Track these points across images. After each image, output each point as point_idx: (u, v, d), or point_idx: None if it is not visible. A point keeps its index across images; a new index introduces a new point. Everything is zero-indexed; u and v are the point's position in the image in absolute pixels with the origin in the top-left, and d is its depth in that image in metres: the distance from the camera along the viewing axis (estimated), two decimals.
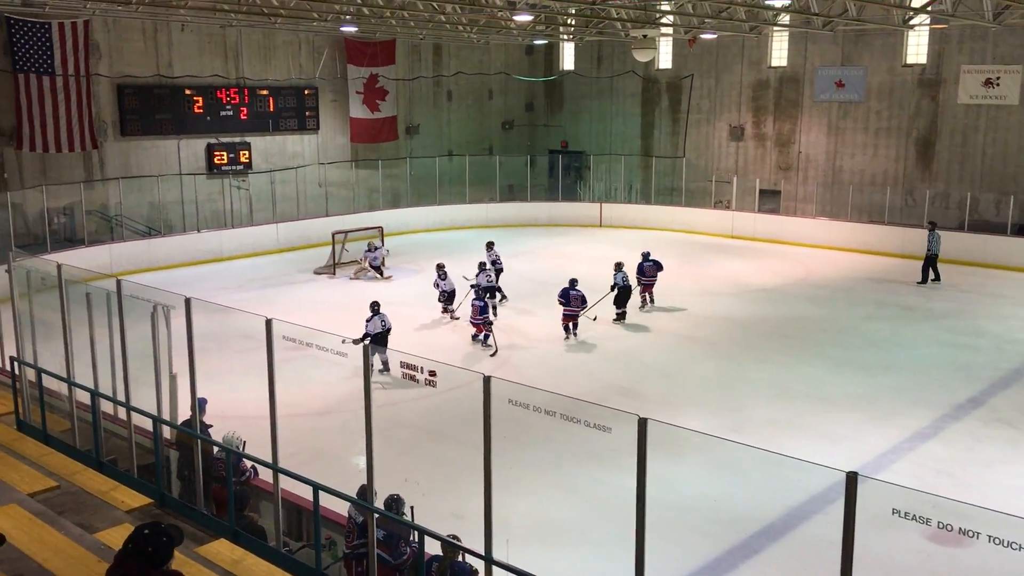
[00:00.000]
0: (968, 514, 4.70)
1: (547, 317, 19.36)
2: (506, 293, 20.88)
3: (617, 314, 18.91)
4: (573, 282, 17.95)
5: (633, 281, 19.48)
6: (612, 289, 18.99)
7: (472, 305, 17.41)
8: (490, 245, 21.80)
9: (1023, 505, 9.99)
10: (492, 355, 16.69)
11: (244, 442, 8.90)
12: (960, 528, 4.55)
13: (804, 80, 29.55)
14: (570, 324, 17.77)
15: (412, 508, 8.11)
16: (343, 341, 7.97)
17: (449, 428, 12.82)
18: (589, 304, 17.99)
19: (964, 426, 13.19)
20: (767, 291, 21.74)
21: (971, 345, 17.31)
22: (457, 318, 18.92)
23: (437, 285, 19.45)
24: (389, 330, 15.58)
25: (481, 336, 17.36)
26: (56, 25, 23.53)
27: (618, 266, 19.19)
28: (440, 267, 19.63)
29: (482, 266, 19.85)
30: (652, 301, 20.08)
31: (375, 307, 15.73)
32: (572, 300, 17.66)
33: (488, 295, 18.52)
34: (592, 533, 9.81)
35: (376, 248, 23.94)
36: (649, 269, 20.02)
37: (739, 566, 9.33)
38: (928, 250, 22.35)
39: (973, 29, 25.33)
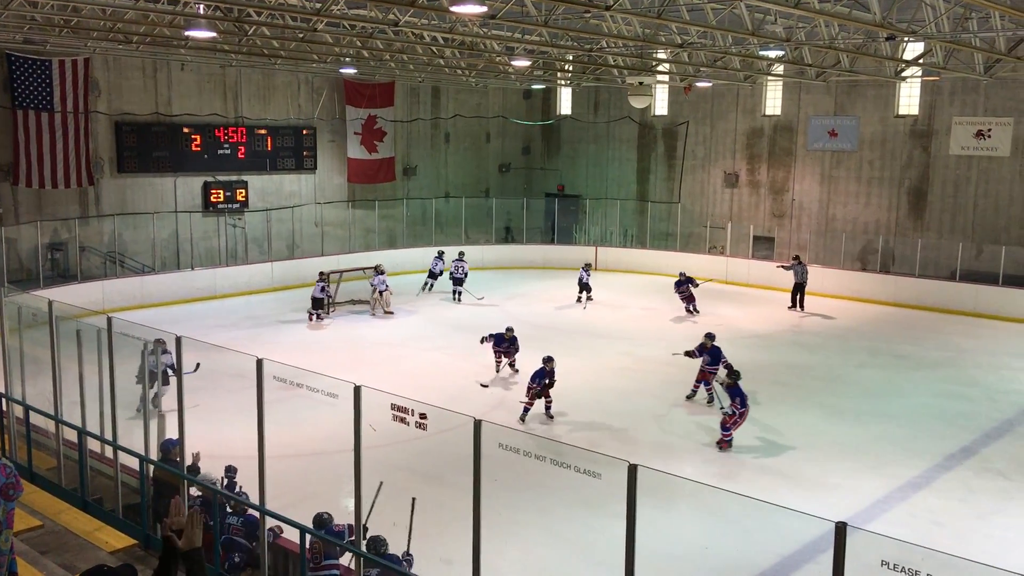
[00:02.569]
0: (958, 566, 4.66)
1: (539, 360, 19.31)
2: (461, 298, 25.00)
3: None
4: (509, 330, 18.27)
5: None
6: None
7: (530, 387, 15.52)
8: (461, 255, 26.19)
9: (1015, 557, 9.93)
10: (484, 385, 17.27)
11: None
12: None
13: (798, 129, 29.87)
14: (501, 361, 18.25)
15: (411, 557, 8.09)
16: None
17: (439, 471, 12.72)
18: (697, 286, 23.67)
19: (957, 476, 13.13)
20: (760, 337, 21.75)
21: (964, 395, 17.29)
22: (321, 319, 22.17)
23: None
24: None
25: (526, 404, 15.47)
26: (56, 62, 23.75)
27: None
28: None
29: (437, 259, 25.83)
30: (694, 311, 24.08)
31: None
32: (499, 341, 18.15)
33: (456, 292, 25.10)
34: None
35: (383, 271, 24.04)
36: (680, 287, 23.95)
37: None
38: (796, 279, 24.87)
39: (965, 81, 25.69)
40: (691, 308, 24.25)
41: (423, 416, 6.96)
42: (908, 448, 14.24)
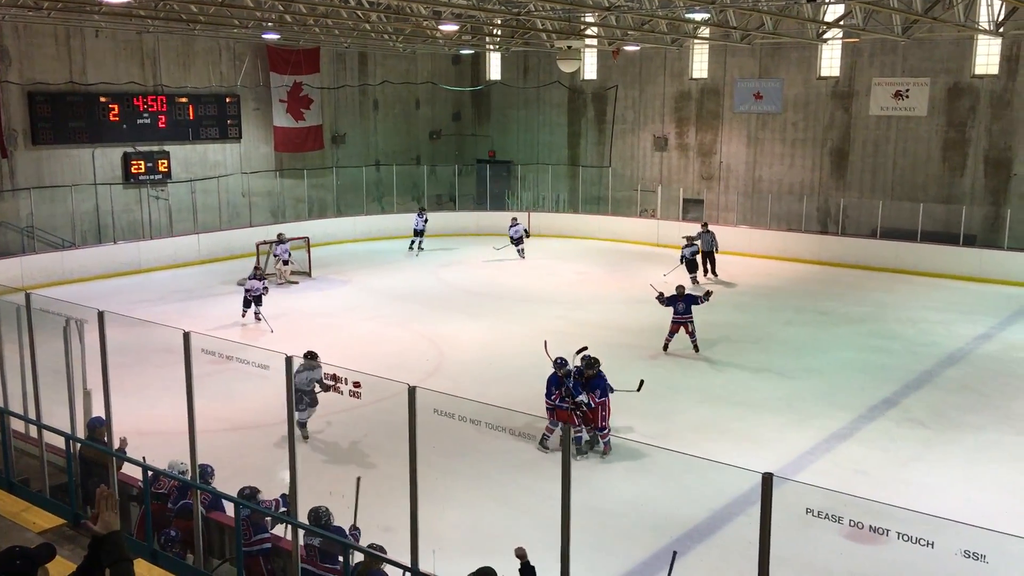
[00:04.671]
0: (878, 512, 4.85)
1: (477, 326, 19.38)
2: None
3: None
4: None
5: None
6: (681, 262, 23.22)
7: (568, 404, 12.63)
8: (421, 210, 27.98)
9: (936, 503, 10.38)
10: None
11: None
12: (871, 526, 4.69)
13: (724, 92, 30.23)
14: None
15: (358, 531, 8.10)
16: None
17: (376, 440, 12.70)
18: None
19: (879, 426, 13.62)
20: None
21: (885, 348, 17.90)
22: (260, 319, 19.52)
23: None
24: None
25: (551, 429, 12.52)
26: None
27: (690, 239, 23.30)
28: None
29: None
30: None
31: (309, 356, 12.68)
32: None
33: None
34: (520, 541, 9.80)
35: (286, 240, 23.64)
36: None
37: (664, 569, 9.43)
38: (703, 248, 24.31)
39: (884, 43, 26.28)
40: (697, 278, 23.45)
41: (357, 385, 6.93)
42: (833, 401, 14.71)
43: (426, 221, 28.41)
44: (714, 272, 24.59)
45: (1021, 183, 25.09)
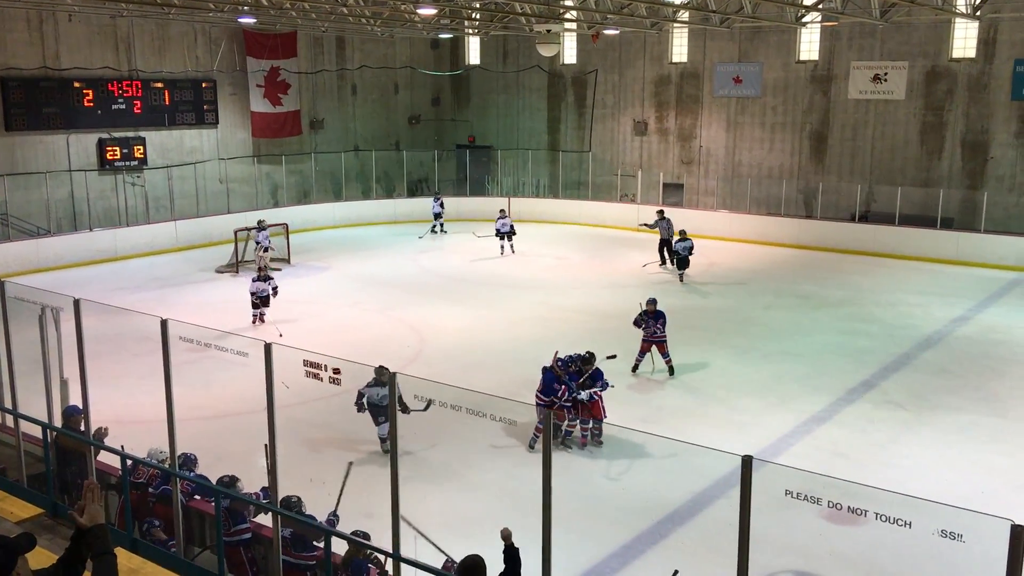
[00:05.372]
0: (856, 493, 4.88)
1: (457, 312, 19.35)
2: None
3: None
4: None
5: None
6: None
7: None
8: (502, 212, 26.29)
9: (914, 484, 10.47)
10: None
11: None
12: (849, 507, 4.73)
13: (704, 75, 30.24)
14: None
15: (337, 517, 8.06)
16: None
17: (357, 426, 12.66)
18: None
19: (858, 409, 13.73)
20: (672, 283, 22.17)
21: (863, 331, 18.04)
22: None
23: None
24: None
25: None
26: None
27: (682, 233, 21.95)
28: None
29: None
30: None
31: None
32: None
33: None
34: (502, 525, 9.83)
35: (266, 227, 23.45)
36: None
37: (646, 551, 9.50)
38: (661, 235, 23.69)
39: (862, 26, 26.36)
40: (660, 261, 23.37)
41: (337, 371, 6.88)
42: (812, 384, 14.81)
43: (442, 205, 29.08)
44: (671, 262, 23.17)
45: (998, 166, 25.30)
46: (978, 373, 15.49)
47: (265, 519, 8.24)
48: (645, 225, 17.04)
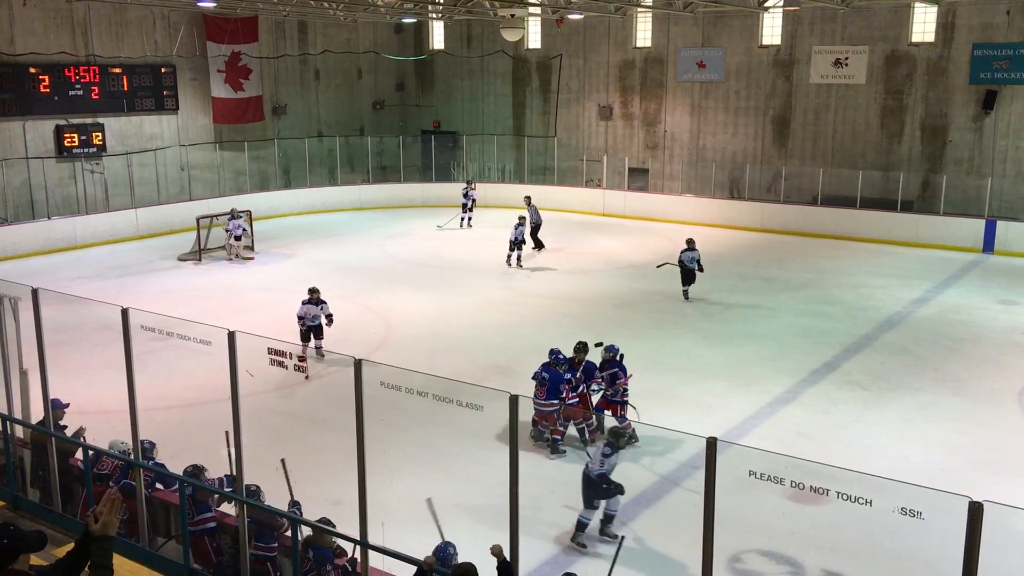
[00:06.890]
0: (819, 473, 4.96)
1: (423, 298, 19.30)
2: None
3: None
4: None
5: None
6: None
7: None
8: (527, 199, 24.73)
9: (875, 463, 10.67)
10: None
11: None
12: (812, 487, 4.80)
13: (668, 60, 30.32)
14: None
15: (299, 505, 7.99)
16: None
17: (323, 414, 12.61)
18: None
19: (820, 390, 13.93)
20: (638, 267, 22.29)
21: (825, 313, 18.27)
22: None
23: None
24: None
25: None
26: None
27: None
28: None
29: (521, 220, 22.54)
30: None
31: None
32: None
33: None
34: (469, 510, 9.86)
35: (239, 215, 23.22)
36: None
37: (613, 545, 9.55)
38: (531, 221, 23.53)
39: (823, 11, 26.57)
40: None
41: (302, 359, 6.85)
42: (775, 366, 14.99)
43: (473, 199, 27.97)
44: (541, 245, 23.55)
45: (956, 150, 25.68)
46: (938, 353, 15.77)
47: (228, 507, 8.18)
48: (664, 265, 18.24)
